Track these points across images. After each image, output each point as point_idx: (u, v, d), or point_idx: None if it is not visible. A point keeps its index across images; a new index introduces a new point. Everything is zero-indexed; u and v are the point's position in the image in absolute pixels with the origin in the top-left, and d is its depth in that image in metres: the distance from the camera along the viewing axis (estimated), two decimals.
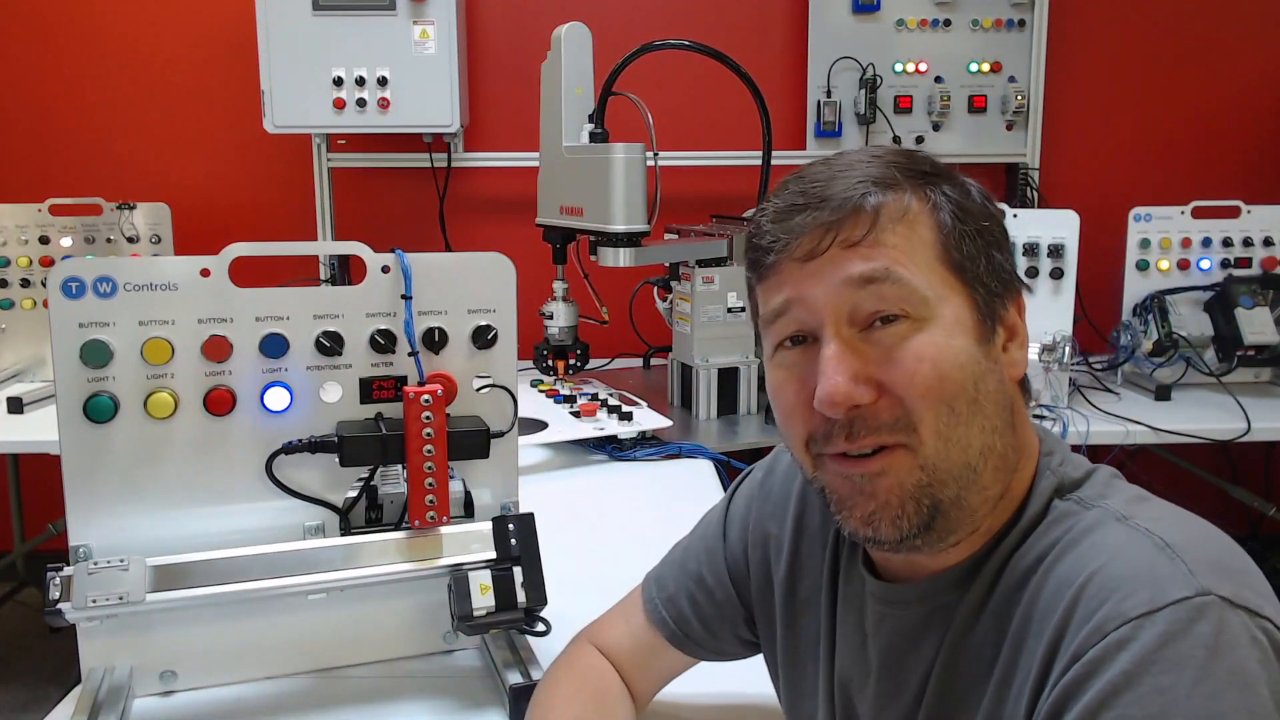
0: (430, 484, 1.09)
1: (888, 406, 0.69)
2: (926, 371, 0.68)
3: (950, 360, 0.69)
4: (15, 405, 2.26)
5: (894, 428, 0.69)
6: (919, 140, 2.90)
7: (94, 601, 0.98)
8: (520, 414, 1.18)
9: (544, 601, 1.08)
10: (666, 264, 2.26)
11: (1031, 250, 2.46)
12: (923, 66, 2.88)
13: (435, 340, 1.12)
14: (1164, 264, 2.52)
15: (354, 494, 1.12)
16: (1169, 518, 0.67)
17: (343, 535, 1.10)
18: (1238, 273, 2.49)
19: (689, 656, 0.99)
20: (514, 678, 1.05)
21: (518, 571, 1.08)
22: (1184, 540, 0.63)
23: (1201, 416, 2.25)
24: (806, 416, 0.72)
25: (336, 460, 1.08)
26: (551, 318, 2.24)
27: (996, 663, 0.69)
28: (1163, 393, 2.39)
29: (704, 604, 0.97)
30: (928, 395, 0.68)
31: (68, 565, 1.00)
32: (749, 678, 1.01)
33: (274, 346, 1.07)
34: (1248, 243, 2.52)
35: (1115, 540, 0.65)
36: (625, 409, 2.00)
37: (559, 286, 2.24)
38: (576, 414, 2.01)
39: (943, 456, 0.69)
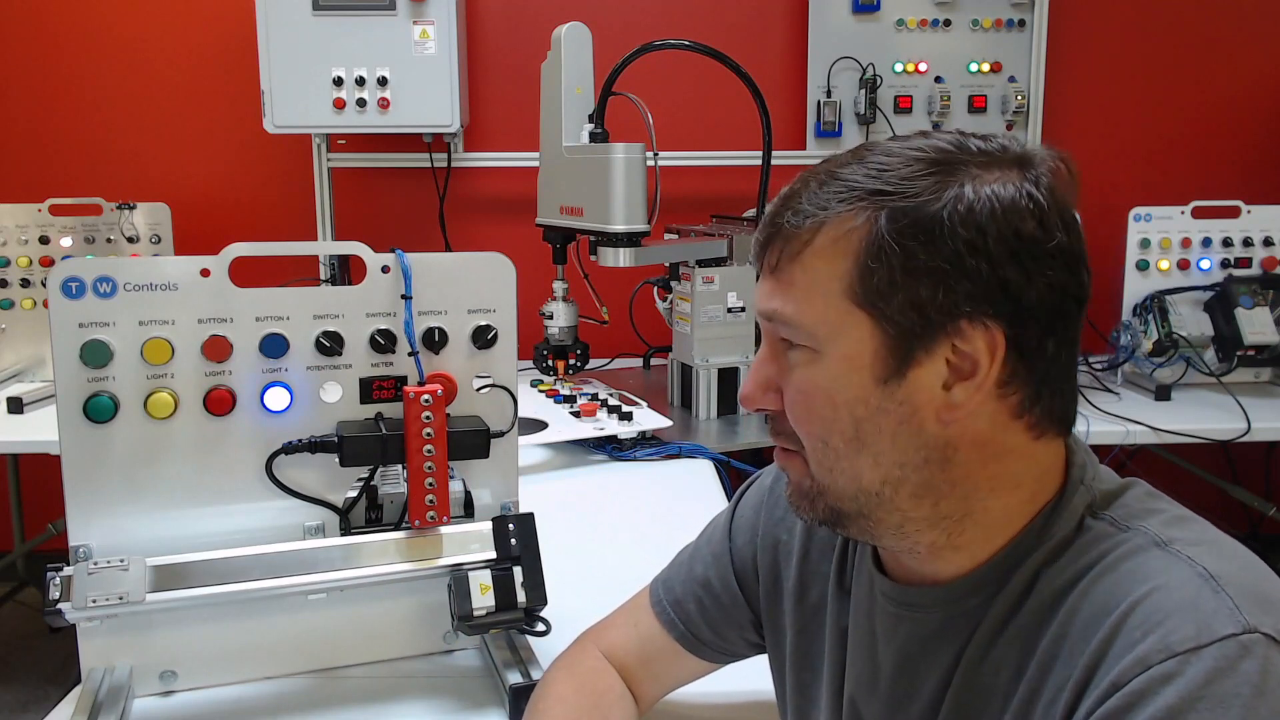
0: (430, 484, 1.09)
1: (786, 419, 0.74)
2: (800, 404, 0.72)
3: (824, 398, 0.71)
4: (15, 405, 2.26)
5: (791, 438, 0.75)
6: None
7: (94, 601, 0.98)
8: (520, 414, 1.18)
9: (544, 601, 1.08)
10: (666, 264, 2.26)
11: None
12: (923, 66, 2.88)
13: (435, 340, 1.12)
14: (1164, 264, 2.51)
15: (354, 494, 1.12)
16: (1208, 543, 0.66)
17: (343, 535, 1.10)
18: (1238, 273, 2.49)
19: (698, 659, 0.99)
20: (514, 678, 1.05)
21: (518, 571, 1.08)
22: (1227, 571, 0.62)
23: (1201, 416, 2.25)
24: None
25: (336, 460, 1.08)
26: (551, 318, 2.24)
27: (1020, 680, 0.68)
28: (1163, 393, 2.39)
29: (711, 608, 0.97)
30: (799, 425, 0.73)
31: (68, 565, 1.00)
32: (750, 677, 1.01)
33: (274, 346, 1.07)
34: (1248, 243, 2.51)
35: (1157, 568, 0.64)
36: (625, 409, 2.00)
37: (559, 286, 2.24)
38: (576, 414, 2.01)
39: (828, 479, 0.73)
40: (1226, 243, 2.51)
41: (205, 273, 1.05)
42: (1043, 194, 0.67)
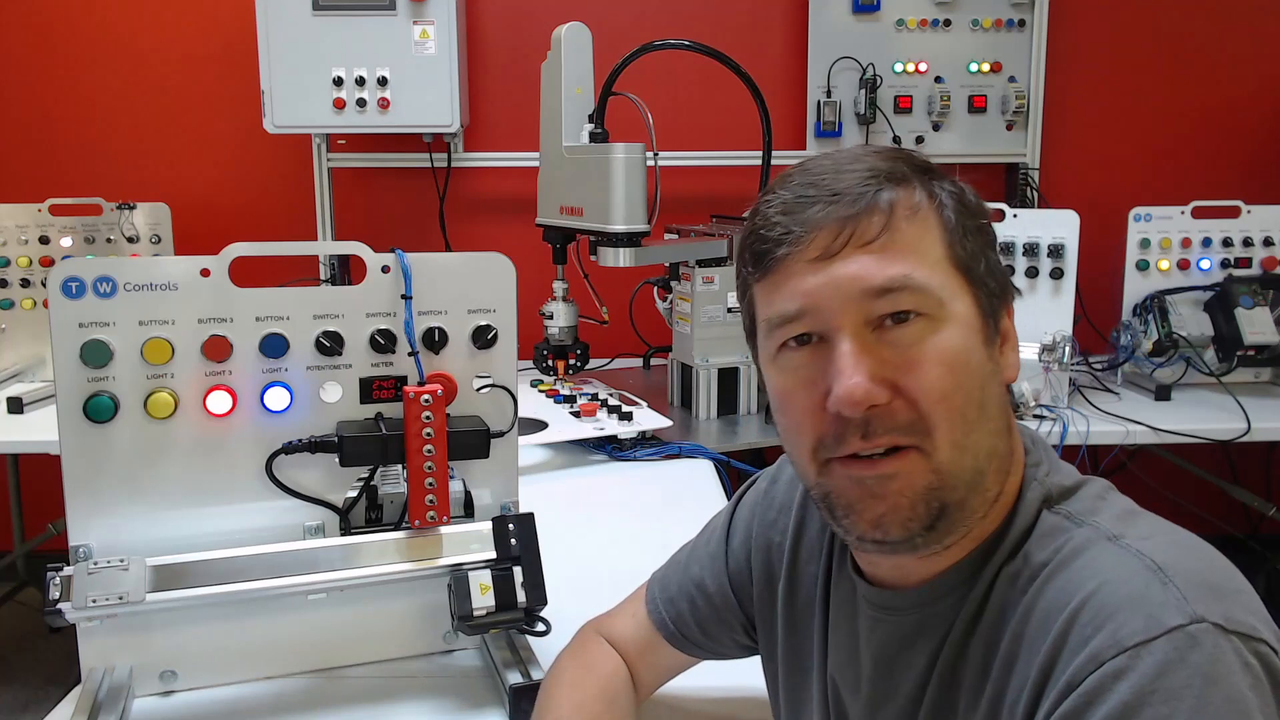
0: (430, 484, 1.09)
1: (903, 408, 0.67)
2: (942, 375, 0.67)
3: (963, 363, 0.68)
4: (15, 405, 2.26)
5: (909, 430, 0.68)
6: (919, 140, 2.90)
7: (94, 601, 0.98)
8: (520, 414, 1.18)
9: (544, 601, 1.08)
10: (666, 264, 2.26)
11: (1031, 250, 2.46)
12: (923, 66, 2.88)
13: (435, 340, 1.12)
14: (1164, 264, 2.51)
15: (354, 494, 1.12)
16: (1159, 536, 0.67)
17: (343, 535, 1.10)
18: (1238, 273, 2.49)
19: (688, 656, 1.01)
20: (514, 678, 1.06)
21: (518, 571, 1.08)
22: (1175, 562, 0.63)
23: (1201, 416, 2.25)
24: (817, 420, 0.70)
25: (336, 460, 1.08)
26: (551, 318, 2.24)
27: (988, 680, 0.69)
28: (1163, 393, 2.39)
29: (703, 608, 0.98)
30: (943, 401, 0.67)
31: (68, 565, 1.00)
32: (746, 671, 1.01)
33: (274, 346, 1.07)
34: (1248, 243, 2.51)
35: (1107, 563, 0.65)
36: (625, 409, 2.00)
37: (559, 286, 2.24)
38: (576, 414, 2.01)
39: (955, 462, 0.68)
40: (1226, 243, 2.51)
41: (205, 273, 1.05)
42: None
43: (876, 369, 0.67)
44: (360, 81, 2.55)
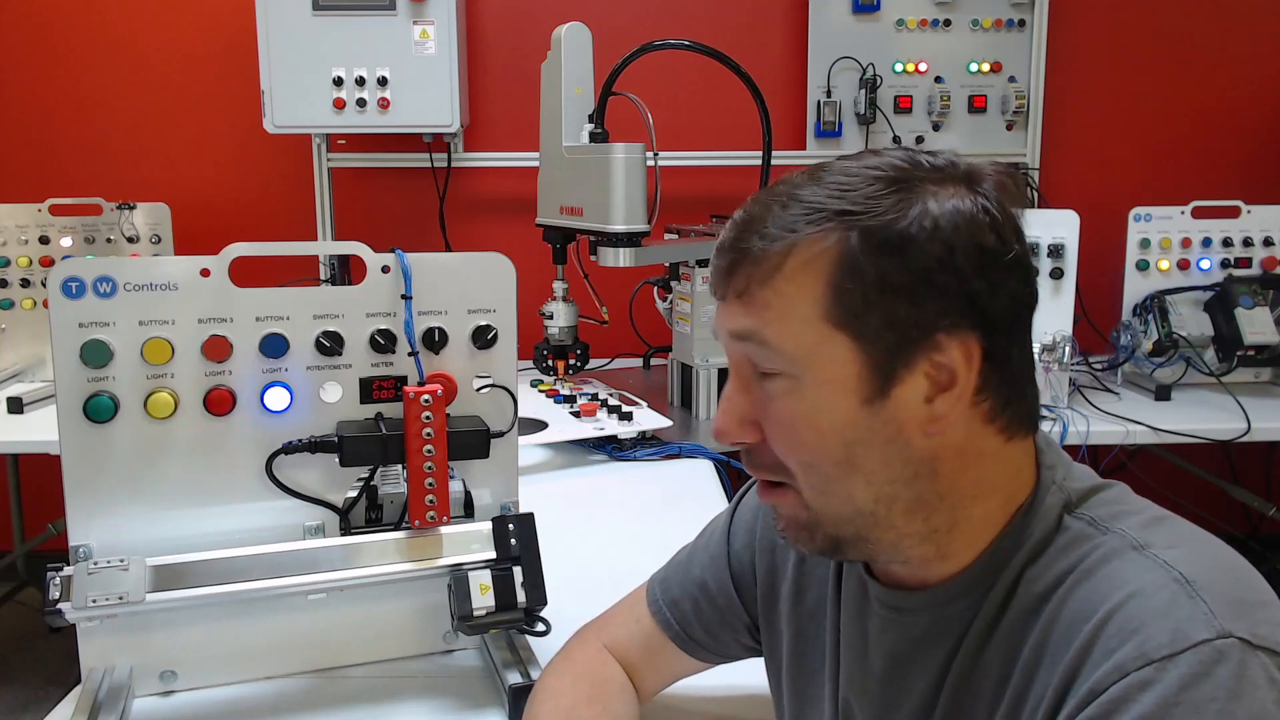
0: (430, 484, 1.09)
1: (770, 450, 0.73)
2: (786, 435, 0.71)
3: (810, 425, 0.69)
4: (15, 405, 2.26)
5: (776, 469, 0.73)
6: (919, 140, 2.90)
7: (94, 601, 0.98)
8: (520, 414, 1.18)
9: (544, 601, 1.08)
10: (666, 264, 2.26)
11: (1031, 250, 2.45)
12: (923, 66, 2.88)
13: (435, 340, 1.13)
14: (1164, 264, 2.51)
15: (354, 494, 1.12)
16: (1185, 545, 0.66)
17: (343, 535, 1.10)
18: (1238, 273, 2.49)
19: (694, 659, 1.00)
20: (514, 678, 1.05)
21: (518, 571, 1.08)
22: (1203, 575, 0.63)
23: (1201, 416, 2.25)
24: None
25: (336, 460, 1.08)
26: (551, 318, 2.24)
27: (1007, 685, 0.69)
28: (1163, 393, 2.39)
29: (707, 609, 0.97)
30: (789, 457, 0.72)
31: (68, 565, 1.00)
32: (747, 670, 1.01)
33: (274, 346, 1.07)
34: (1248, 243, 2.51)
35: (1134, 573, 0.64)
36: (625, 409, 2.00)
37: (559, 286, 2.24)
38: (576, 414, 2.01)
39: (823, 505, 0.72)
40: (1226, 243, 2.51)
41: (205, 273, 1.05)
42: (995, 207, 0.69)
43: (748, 411, 0.73)
44: (360, 81, 2.55)
